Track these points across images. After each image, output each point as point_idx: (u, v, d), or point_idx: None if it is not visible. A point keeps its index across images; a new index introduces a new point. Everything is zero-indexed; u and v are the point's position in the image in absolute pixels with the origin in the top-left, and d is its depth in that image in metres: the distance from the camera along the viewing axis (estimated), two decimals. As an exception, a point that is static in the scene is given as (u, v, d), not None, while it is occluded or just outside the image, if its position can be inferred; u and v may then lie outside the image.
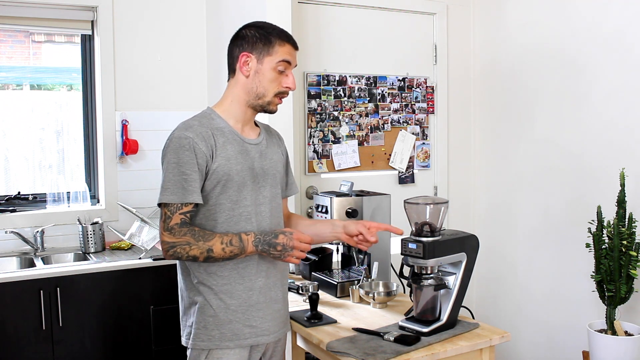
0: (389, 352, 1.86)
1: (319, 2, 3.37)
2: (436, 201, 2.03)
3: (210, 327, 1.83)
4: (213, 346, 1.83)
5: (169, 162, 1.78)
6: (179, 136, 1.79)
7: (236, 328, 1.84)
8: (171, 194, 1.76)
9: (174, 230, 1.76)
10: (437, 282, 2.02)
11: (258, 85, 1.87)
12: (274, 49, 1.85)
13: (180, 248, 1.75)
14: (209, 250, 1.76)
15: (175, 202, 1.76)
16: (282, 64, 1.86)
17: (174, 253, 1.76)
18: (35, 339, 2.72)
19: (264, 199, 1.91)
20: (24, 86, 3.50)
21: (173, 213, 1.76)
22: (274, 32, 1.87)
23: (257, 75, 1.86)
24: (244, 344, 1.86)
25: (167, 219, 1.77)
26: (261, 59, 1.85)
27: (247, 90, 1.88)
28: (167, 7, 3.55)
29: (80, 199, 3.44)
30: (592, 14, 3.03)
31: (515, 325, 3.51)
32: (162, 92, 3.55)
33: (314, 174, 3.39)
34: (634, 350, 2.58)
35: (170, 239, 1.76)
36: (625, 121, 2.89)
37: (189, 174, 1.76)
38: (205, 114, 1.89)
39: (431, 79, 3.72)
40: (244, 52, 1.86)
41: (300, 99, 3.31)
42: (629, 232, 2.57)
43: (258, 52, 1.86)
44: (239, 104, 1.90)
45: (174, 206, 1.76)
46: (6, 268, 3.02)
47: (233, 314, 1.84)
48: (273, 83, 1.87)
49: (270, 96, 1.88)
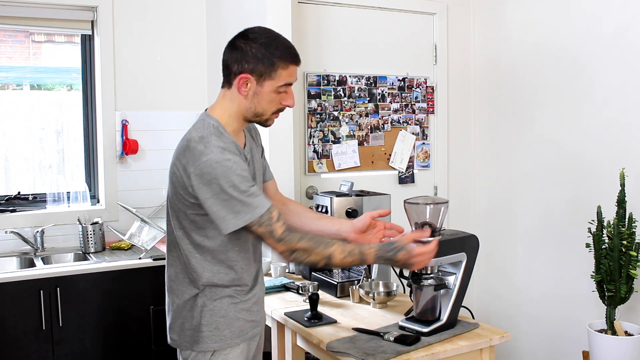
0: (389, 352, 1.86)
1: (319, 2, 3.37)
2: (436, 201, 2.03)
3: (222, 327, 1.82)
4: (225, 345, 1.82)
5: (223, 189, 1.68)
6: (218, 161, 1.68)
7: (242, 324, 1.85)
8: (245, 215, 1.69)
9: (285, 239, 1.72)
10: (437, 282, 2.03)
11: (257, 106, 1.78)
12: (276, 73, 1.75)
13: (300, 253, 1.73)
14: (329, 257, 1.74)
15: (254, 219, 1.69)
16: (283, 87, 1.78)
17: (295, 258, 1.74)
18: (35, 339, 2.72)
19: None
20: (24, 86, 3.50)
21: (271, 224, 1.70)
22: (277, 53, 1.74)
23: (256, 96, 1.77)
24: (246, 337, 1.86)
25: (271, 232, 1.71)
26: (261, 82, 1.75)
27: (245, 108, 1.79)
28: (167, 7, 3.55)
29: (80, 199, 3.43)
30: (592, 14, 3.03)
31: (515, 325, 3.51)
32: (162, 92, 3.55)
33: (314, 174, 3.39)
34: (634, 350, 2.58)
35: (287, 247, 1.72)
36: (625, 121, 2.89)
37: (247, 190, 1.69)
38: (217, 130, 1.77)
39: (431, 79, 3.72)
40: (244, 73, 1.75)
41: (300, 99, 3.31)
42: (629, 232, 2.57)
43: (258, 75, 1.74)
44: (237, 119, 1.82)
45: (263, 220, 1.70)
46: (6, 268, 3.02)
47: (240, 312, 1.84)
48: (272, 103, 1.79)
49: (269, 115, 1.82)
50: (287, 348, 2.32)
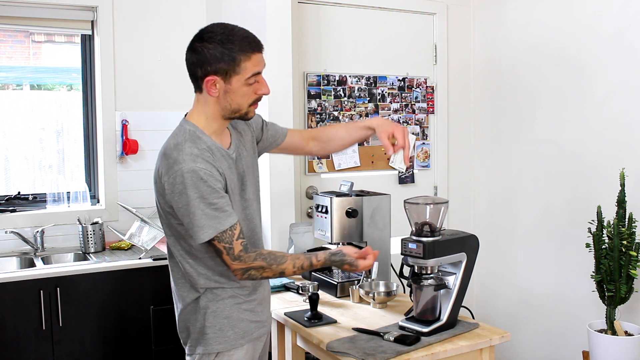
0: (389, 352, 1.86)
1: (319, 2, 3.37)
2: (436, 201, 2.03)
3: (226, 328, 1.83)
4: (229, 347, 1.83)
5: (191, 199, 1.68)
6: (190, 170, 1.68)
7: (245, 325, 1.85)
8: (209, 229, 1.68)
9: (242, 257, 1.74)
10: (437, 282, 2.03)
11: (231, 103, 1.76)
12: (240, 67, 1.71)
13: (255, 271, 1.76)
14: (281, 272, 1.80)
15: (218, 234, 1.69)
16: (252, 78, 1.74)
17: (249, 276, 1.77)
18: (35, 339, 2.72)
19: (250, 201, 1.89)
20: (24, 86, 3.50)
21: (231, 242, 1.71)
22: (235, 47, 1.70)
23: (228, 94, 1.75)
24: (252, 338, 1.87)
25: (229, 250, 1.72)
26: (229, 80, 1.72)
27: (221, 107, 1.77)
28: (167, 7, 3.55)
29: (80, 199, 3.43)
30: (592, 14, 3.03)
31: (515, 325, 3.51)
32: (162, 92, 3.55)
33: (314, 174, 3.39)
34: (634, 350, 2.58)
35: (242, 266, 1.74)
36: (625, 121, 2.89)
37: (215, 203, 1.69)
38: (193, 134, 1.76)
39: (431, 79, 3.72)
40: (209, 76, 1.72)
41: (300, 99, 3.31)
42: (629, 232, 2.57)
43: (224, 74, 1.71)
44: (215, 119, 1.80)
45: (225, 236, 1.70)
46: (6, 268, 3.02)
47: (243, 313, 1.85)
48: (245, 97, 1.76)
49: (246, 108, 1.79)
50: (287, 348, 2.33)
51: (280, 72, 3.01)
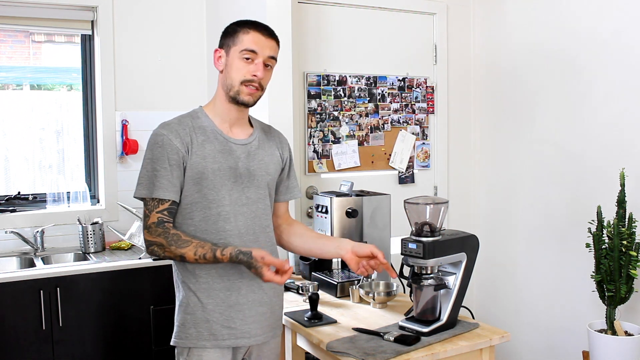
0: (389, 352, 1.86)
1: (319, 2, 3.37)
2: (436, 201, 2.03)
3: (188, 325, 1.85)
4: (191, 344, 1.85)
5: (145, 158, 1.84)
6: (154, 133, 1.84)
7: (213, 328, 1.84)
8: (143, 189, 1.82)
9: (151, 229, 1.79)
10: (437, 282, 2.03)
11: (227, 77, 1.87)
12: (238, 39, 1.85)
13: (157, 247, 1.79)
14: (182, 257, 1.78)
15: (147, 197, 1.80)
16: (245, 53, 1.83)
17: (152, 251, 1.81)
18: (35, 339, 2.72)
19: (247, 200, 1.88)
20: (24, 86, 3.50)
21: (151, 211, 1.80)
22: (240, 23, 1.88)
23: (227, 68, 1.87)
24: (222, 344, 1.85)
25: (146, 217, 1.81)
26: (229, 52, 1.86)
27: (223, 84, 1.89)
28: (167, 7, 3.55)
29: (80, 199, 3.43)
30: (592, 14, 3.03)
31: (515, 325, 3.51)
32: (162, 92, 3.55)
33: (314, 174, 3.39)
34: (634, 350, 2.58)
35: (148, 237, 1.80)
36: (625, 121, 2.89)
37: (159, 170, 1.80)
38: (191, 113, 1.91)
39: (431, 79, 3.72)
40: (216, 48, 1.90)
41: (300, 99, 3.31)
42: (629, 232, 2.57)
43: (227, 46, 1.87)
44: (221, 102, 1.90)
45: (151, 204, 1.80)
46: (6, 268, 3.02)
47: (210, 314, 1.84)
48: (239, 72, 1.84)
49: (237, 85, 1.85)
50: (287, 348, 2.32)
51: (280, 72, 3.00)
